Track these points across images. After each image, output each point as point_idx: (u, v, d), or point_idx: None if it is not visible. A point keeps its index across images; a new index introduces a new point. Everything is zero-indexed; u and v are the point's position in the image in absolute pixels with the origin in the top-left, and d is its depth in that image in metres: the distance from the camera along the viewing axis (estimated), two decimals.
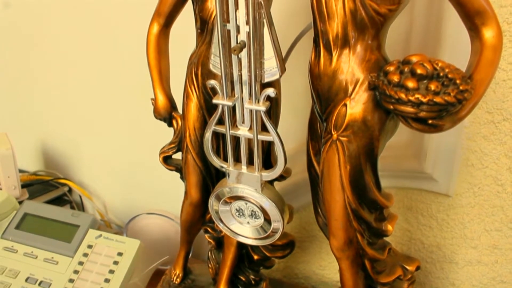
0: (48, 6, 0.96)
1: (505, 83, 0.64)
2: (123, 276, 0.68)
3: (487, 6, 0.45)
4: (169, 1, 0.58)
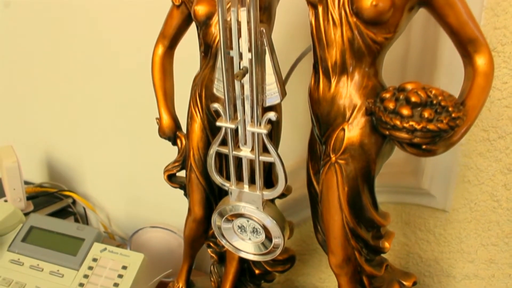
0: (53, 21, 0.99)
1: (500, 102, 0.67)
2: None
3: (479, 35, 0.47)
4: (173, 24, 0.60)
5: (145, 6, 0.83)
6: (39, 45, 1.04)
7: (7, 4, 1.04)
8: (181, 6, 0.59)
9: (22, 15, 1.04)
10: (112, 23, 0.92)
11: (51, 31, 1.01)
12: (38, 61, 1.05)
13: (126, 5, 0.88)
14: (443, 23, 0.47)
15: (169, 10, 0.61)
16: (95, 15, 0.94)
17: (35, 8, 1.01)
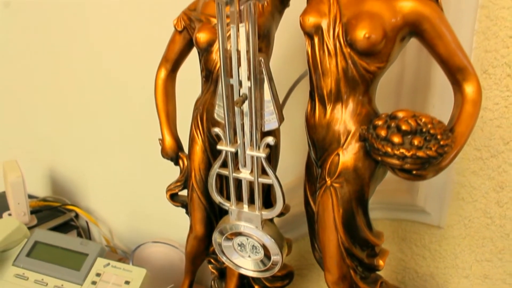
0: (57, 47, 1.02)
1: (492, 122, 0.69)
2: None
3: (467, 64, 0.50)
4: (176, 48, 0.63)
5: (149, 28, 0.86)
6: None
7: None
8: (183, 32, 0.62)
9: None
10: (116, 44, 0.95)
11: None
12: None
13: (131, 24, 0.91)
14: (433, 52, 0.50)
15: (172, 35, 0.63)
16: (99, 28, 0.97)
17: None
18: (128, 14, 0.91)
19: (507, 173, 0.70)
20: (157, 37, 0.66)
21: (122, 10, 0.92)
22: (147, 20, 0.88)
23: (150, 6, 0.86)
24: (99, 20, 0.96)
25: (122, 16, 0.93)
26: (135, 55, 0.91)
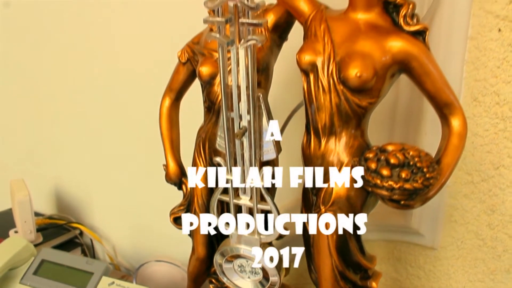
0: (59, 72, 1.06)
1: (482, 147, 0.73)
2: None
3: (453, 99, 0.54)
4: (179, 78, 0.68)
5: (155, 56, 0.90)
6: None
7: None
8: (187, 63, 0.66)
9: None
10: (122, 63, 0.99)
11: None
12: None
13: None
14: (421, 88, 0.54)
15: (176, 66, 0.68)
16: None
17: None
18: (133, 34, 0.96)
19: (497, 196, 0.74)
20: (164, 64, 0.71)
21: (126, 30, 0.97)
22: (153, 46, 0.92)
23: (154, 37, 0.90)
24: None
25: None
26: (142, 77, 0.95)
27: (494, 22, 0.68)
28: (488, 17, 0.68)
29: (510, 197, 0.73)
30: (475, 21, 0.69)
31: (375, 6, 0.54)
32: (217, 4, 0.50)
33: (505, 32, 0.68)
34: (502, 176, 0.72)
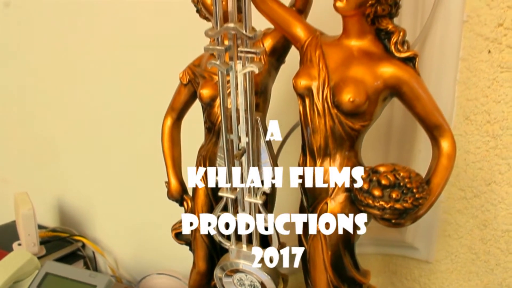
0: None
1: (474, 164, 0.76)
2: None
3: (443, 122, 0.57)
4: (181, 99, 0.71)
5: (159, 72, 0.93)
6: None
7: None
8: (188, 85, 0.69)
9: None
10: (123, 74, 1.03)
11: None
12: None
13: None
14: (412, 112, 0.57)
15: (178, 87, 0.71)
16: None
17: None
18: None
19: (489, 212, 0.77)
20: (166, 84, 0.74)
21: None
22: (156, 67, 0.96)
23: (157, 57, 0.94)
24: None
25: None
26: (145, 94, 0.99)
27: (484, 44, 0.71)
28: (478, 39, 0.71)
29: (501, 212, 0.76)
30: (466, 43, 0.73)
31: (368, 34, 0.57)
32: (217, 33, 0.53)
33: (494, 54, 0.71)
34: (494, 192, 0.75)
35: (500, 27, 0.69)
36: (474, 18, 0.71)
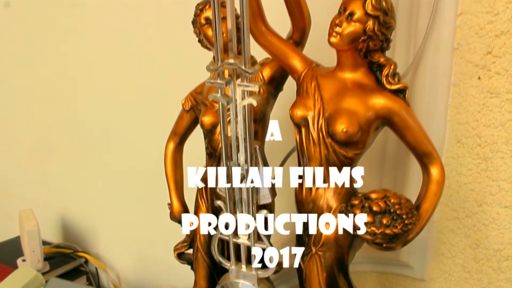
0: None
1: (466, 185, 0.80)
2: None
3: (432, 150, 0.61)
4: (183, 124, 0.75)
5: (160, 103, 0.98)
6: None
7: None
8: (190, 111, 0.74)
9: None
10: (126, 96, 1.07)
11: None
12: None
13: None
14: (403, 140, 0.62)
15: (180, 112, 0.75)
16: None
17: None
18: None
19: (481, 232, 0.80)
20: (169, 108, 0.78)
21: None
22: (159, 92, 1.00)
23: (161, 82, 0.99)
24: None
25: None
26: (148, 117, 1.03)
27: (474, 70, 0.75)
28: (469, 66, 0.76)
29: (493, 232, 0.79)
30: (457, 69, 0.77)
31: (361, 66, 0.61)
32: (217, 68, 0.57)
33: (484, 80, 0.75)
34: (485, 213, 0.79)
35: (489, 54, 0.73)
36: (465, 46, 0.75)
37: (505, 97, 0.73)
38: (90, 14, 1.07)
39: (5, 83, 1.27)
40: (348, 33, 0.59)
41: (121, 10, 1.02)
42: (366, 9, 0.58)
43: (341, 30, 0.59)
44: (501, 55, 0.72)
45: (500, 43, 0.72)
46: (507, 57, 0.72)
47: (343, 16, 0.59)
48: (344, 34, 0.59)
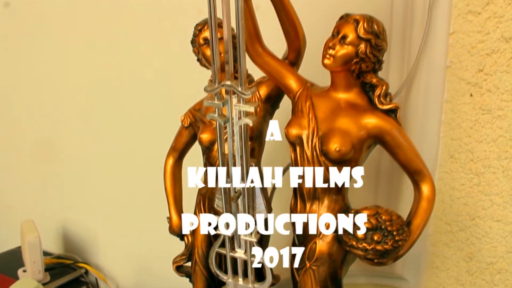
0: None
1: (459, 200, 0.83)
2: None
3: (423, 168, 0.64)
4: (182, 140, 0.78)
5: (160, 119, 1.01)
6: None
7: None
8: (189, 128, 0.77)
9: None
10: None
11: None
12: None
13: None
14: (394, 158, 0.65)
15: (179, 129, 0.79)
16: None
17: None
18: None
19: (474, 245, 0.83)
20: (169, 122, 0.81)
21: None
22: (160, 108, 1.04)
23: (162, 98, 1.02)
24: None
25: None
26: (148, 130, 1.06)
27: (466, 87, 0.78)
28: (461, 83, 0.79)
29: (486, 245, 0.82)
30: (450, 86, 0.80)
31: (354, 87, 0.64)
32: (214, 89, 0.60)
33: (476, 97, 0.78)
34: (478, 227, 0.82)
35: (481, 72, 0.76)
36: (457, 63, 0.78)
37: (496, 114, 0.76)
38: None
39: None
40: (341, 56, 0.61)
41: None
42: (358, 33, 0.61)
43: (334, 53, 0.62)
44: (492, 73, 0.75)
45: (491, 61, 0.75)
46: (497, 75, 0.74)
47: (336, 39, 0.62)
48: (337, 56, 0.62)
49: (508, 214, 0.78)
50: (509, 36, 0.72)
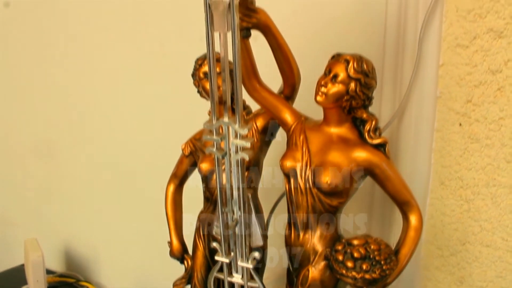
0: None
1: (450, 225, 0.87)
2: None
3: (410, 199, 0.69)
4: (183, 168, 0.83)
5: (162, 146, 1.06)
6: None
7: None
8: (189, 156, 0.82)
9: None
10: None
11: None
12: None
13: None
14: (384, 189, 0.69)
15: (180, 156, 0.84)
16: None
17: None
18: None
19: (465, 269, 0.87)
20: (170, 148, 0.86)
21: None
22: (163, 136, 1.08)
23: (164, 125, 1.07)
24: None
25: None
26: (150, 155, 1.11)
27: (455, 117, 0.83)
28: (450, 113, 0.83)
29: (476, 270, 0.86)
30: (440, 115, 0.85)
31: (345, 122, 0.69)
32: (213, 126, 0.65)
33: (464, 126, 0.82)
34: (468, 251, 0.86)
35: (469, 103, 0.81)
36: (446, 94, 0.83)
37: (485, 143, 0.81)
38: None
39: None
40: (332, 93, 0.66)
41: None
42: (348, 72, 0.66)
43: (326, 90, 0.67)
44: (480, 103, 0.80)
45: (479, 93, 0.79)
46: (485, 105, 0.79)
47: (328, 78, 0.67)
48: (329, 94, 0.67)
49: (497, 240, 0.83)
50: (495, 69, 0.77)
